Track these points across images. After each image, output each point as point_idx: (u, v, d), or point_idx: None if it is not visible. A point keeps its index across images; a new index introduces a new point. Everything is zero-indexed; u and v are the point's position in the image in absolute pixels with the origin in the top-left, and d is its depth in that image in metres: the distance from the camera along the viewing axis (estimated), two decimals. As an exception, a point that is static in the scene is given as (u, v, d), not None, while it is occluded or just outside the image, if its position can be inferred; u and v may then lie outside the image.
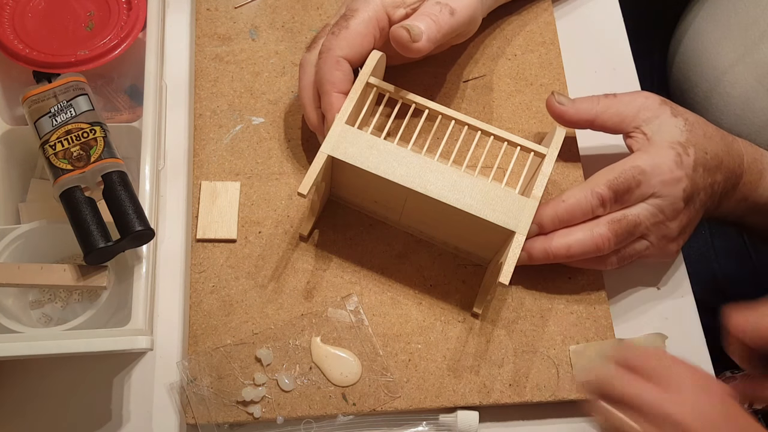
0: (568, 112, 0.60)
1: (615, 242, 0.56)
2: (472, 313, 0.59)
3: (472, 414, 0.56)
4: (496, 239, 0.55)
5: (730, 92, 0.76)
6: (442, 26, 0.57)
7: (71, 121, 0.53)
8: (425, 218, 0.59)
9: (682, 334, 0.62)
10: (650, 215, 0.56)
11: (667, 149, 0.57)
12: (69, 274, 0.51)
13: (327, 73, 0.57)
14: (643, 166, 0.56)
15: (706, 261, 0.82)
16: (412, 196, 0.55)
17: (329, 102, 0.58)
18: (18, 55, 0.58)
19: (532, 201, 0.54)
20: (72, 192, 0.51)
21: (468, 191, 0.54)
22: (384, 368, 0.57)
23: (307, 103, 0.60)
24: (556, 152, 0.56)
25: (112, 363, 0.58)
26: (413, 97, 0.58)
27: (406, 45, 0.56)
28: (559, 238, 0.57)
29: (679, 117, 0.58)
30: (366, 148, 0.55)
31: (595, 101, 0.60)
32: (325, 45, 0.58)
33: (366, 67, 0.58)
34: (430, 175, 0.54)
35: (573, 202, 0.56)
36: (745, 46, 0.75)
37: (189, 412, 0.55)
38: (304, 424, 0.56)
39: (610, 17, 0.74)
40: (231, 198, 0.61)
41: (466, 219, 0.54)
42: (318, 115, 0.60)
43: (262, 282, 0.59)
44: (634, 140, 0.59)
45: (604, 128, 0.60)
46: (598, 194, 0.56)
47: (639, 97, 0.60)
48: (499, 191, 0.54)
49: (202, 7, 0.69)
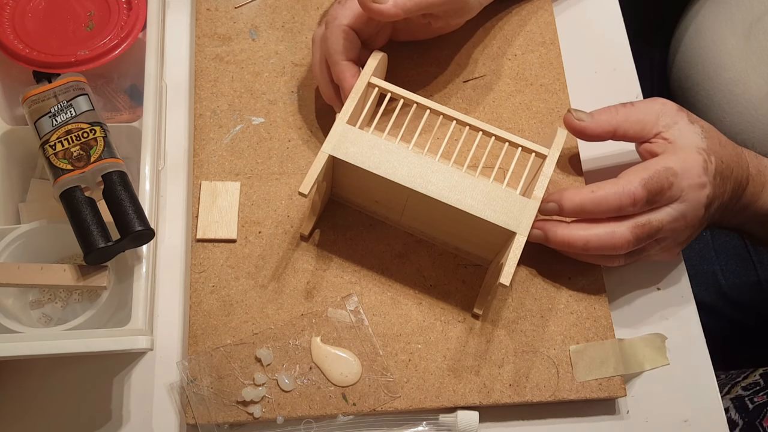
0: (589, 127, 0.59)
1: (634, 245, 0.56)
2: (473, 314, 0.59)
3: (472, 414, 0.56)
4: (497, 240, 0.55)
5: (733, 90, 0.76)
6: None
7: (71, 121, 0.53)
8: (426, 218, 0.59)
9: (682, 334, 0.62)
10: (672, 220, 0.56)
11: (695, 154, 0.56)
12: (69, 274, 0.51)
13: (334, 42, 0.58)
14: (675, 167, 0.55)
15: (706, 261, 0.82)
16: (413, 196, 0.55)
17: (340, 71, 0.58)
18: (18, 55, 0.58)
19: (533, 202, 0.54)
20: (72, 192, 0.51)
21: (469, 192, 0.54)
22: (384, 368, 0.57)
23: (320, 76, 0.61)
24: (558, 153, 0.56)
25: (112, 363, 0.58)
26: (415, 97, 0.58)
27: (367, 5, 0.55)
28: (580, 230, 0.56)
29: (696, 124, 0.58)
30: (367, 148, 0.55)
31: (613, 112, 0.59)
32: (331, 14, 0.59)
33: (367, 67, 0.58)
34: (431, 176, 0.54)
35: (602, 195, 0.55)
36: (748, 44, 0.75)
37: (189, 412, 0.55)
38: (304, 424, 0.56)
39: (610, 17, 0.74)
40: (231, 198, 0.61)
41: (467, 219, 0.54)
42: (332, 88, 0.61)
43: (262, 282, 0.59)
44: (655, 145, 0.58)
45: (625, 138, 0.59)
46: (631, 192, 0.54)
47: (656, 103, 0.59)
48: (500, 192, 0.54)
49: (202, 7, 0.69)
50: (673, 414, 0.59)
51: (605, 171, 0.67)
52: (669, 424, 0.59)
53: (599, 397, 0.57)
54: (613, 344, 0.58)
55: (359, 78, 0.58)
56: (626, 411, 0.59)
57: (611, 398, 0.58)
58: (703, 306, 0.65)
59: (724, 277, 0.81)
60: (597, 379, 0.57)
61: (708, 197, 0.56)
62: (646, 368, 0.60)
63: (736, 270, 0.81)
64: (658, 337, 0.61)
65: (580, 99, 0.68)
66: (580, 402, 0.58)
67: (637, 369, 0.59)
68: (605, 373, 0.57)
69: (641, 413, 0.59)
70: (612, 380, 0.57)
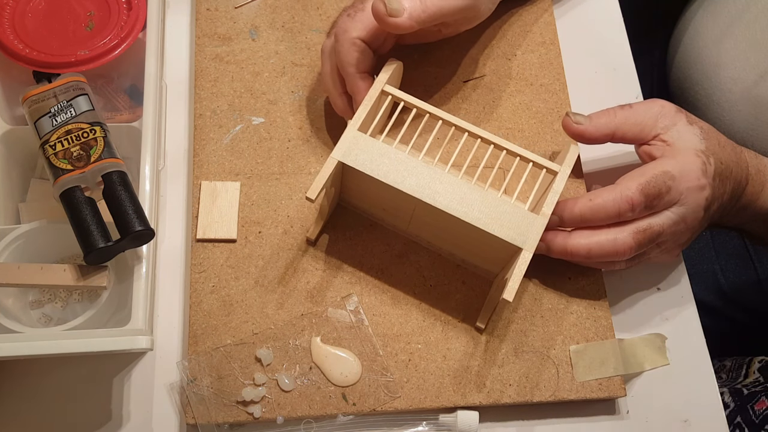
0: (588, 130, 0.59)
1: (636, 250, 0.56)
2: (476, 327, 0.58)
3: (472, 414, 0.56)
4: (503, 254, 0.55)
5: (732, 89, 0.76)
6: (428, 7, 0.56)
7: (71, 121, 0.53)
8: (433, 229, 0.58)
9: (682, 334, 0.62)
10: (672, 224, 0.56)
11: (693, 156, 0.56)
12: (69, 274, 0.51)
13: (346, 55, 0.58)
14: (672, 171, 0.55)
15: (706, 261, 0.82)
16: (420, 206, 0.54)
17: (355, 84, 0.58)
18: (18, 55, 0.58)
19: (541, 218, 0.54)
20: (72, 192, 0.51)
21: (477, 205, 0.53)
22: (384, 368, 0.57)
23: (332, 89, 0.61)
24: (569, 170, 0.55)
25: (112, 363, 0.58)
26: (427, 107, 0.57)
27: (382, 18, 0.56)
28: (582, 238, 0.56)
29: (695, 125, 0.58)
30: (377, 156, 0.54)
31: (612, 114, 0.59)
32: (341, 27, 0.59)
33: (382, 75, 0.58)
34: (439, 187, 0.54)
35: (600, 202, 0.55)
36: (746, 42, 0.75)
37: (189, 412, 0.55)
38: (304, 424, 0.56)
39: (610, 17, 0.74)
40: (231, 198, 0.61)
41: (474, 232, 0.53)
42: (344, 99, 0.61)
43: (262, 282, 0.59)
44: (654, 148, 0.58)
45: (624, 140, 0.59)
46: (629, 198, 0.54)
47: (655, 105, 0.59)
48: (508, 207, 0.54)
49: (202, 7, 0.69)
50: (673, 414, 0.59)
51: (605, 172, 0.67)
52: (669, 424, 0.59)
53: (599, 397, 0.57)
54: (613, 344, 0.58)
55: (373, 85, 0.57)
56: (626, 411, 0.59)
57: (611, 398, 0.58)
58: (703, 305, 0.65)
59: (724, 276, 0.81)
60: (597, 379, 0.57)
61: (707, 199, 0.56)
62: (646, 368, 0.60)
63: (736, 269, 0.81)
64: (658, 337, 0.61)
65: (580, 99, 0.68)
66: (580, 402, 0.58)
67: (637, 369, 0.59)
68: (605, 373, 0.57)
69: (641, 413, 0.59)
70: (612, 380, 0.57)
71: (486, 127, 0.66)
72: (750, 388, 0.70)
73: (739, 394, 0.69)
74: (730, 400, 0.69)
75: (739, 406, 0.68)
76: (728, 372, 0.76)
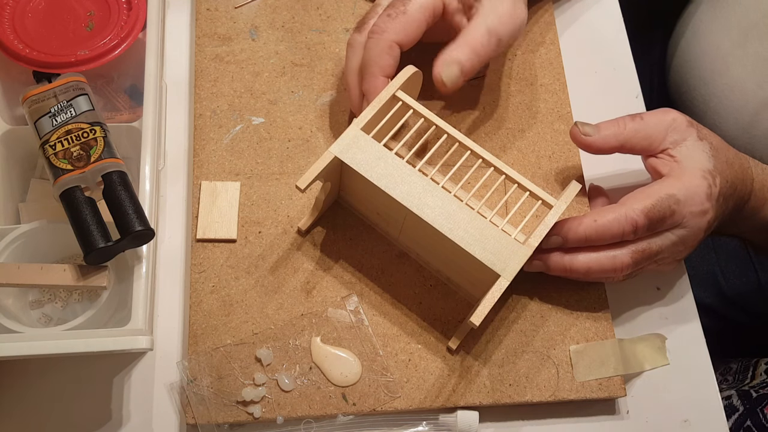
0: (596, 142, 0.58)
1: (633, 268, 0.56)
2: (447, 347, 0.57)
3: (472, 414, 0.56)
4: (485, 278, 0.53)
5: (729, 96, 0.76)
6: (482, 57, 0.57)
7: (71, 121, 0.53)
8: (422, 241, 0.58)
9: (682, 334, 0.62)
10: (672, 244, 0.56)
11: (700, 179, 0.55)
12: (69, 274, 0.51)
13: (377, 56, 0.57)
14: (678, 195, 0.55)
15: (706, 262, 0.82)
16: (410, 216, 0.54)
17: (373, 85, 0.57)
18: (18, 55, 0.58)
19: (525, 249, 0.53)
20: (72, 192, 0.51)
21: (463, 224, 0.53)
22: (384, 368, 0.57)
23: (353, 84, 0.60)
24: (565, 207, 0.55)
25: (112, 363, 0.58)
26: (436, 119, 0.57)
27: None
28: (582, 258, 0.56)
29: (705, 141, 0.57)
30: (374, 157, 0.54)
31: (621, 125, 0.58)
32: (380, 26, 0.57)
33: (396, 80, 0.57)
34: (429, 199, 0.53)
35: (605, 223, 0.55)
36: (743, 50, 0.75)
37: (189, 412, 0.55)
38: (304, 424, 0.56)
39: (610, 17, 0.74)
40: (231, 198, 0.61)
41: (458, 251, 0.53)
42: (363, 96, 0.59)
43: (262, 282, 0.59)
44: (661, 162, 0.57)
45: (632, 152, 0.59)
46: (633, 221, 0.54)
47: (667, 117, 0.58)
48: (495, 231, 0.53)
49: (202, 7, 0.69)
50: (673, 414, 0.59)
51: (606, 177, 0.67)
52: (669, 424, 0.59)
53: (599, 397, 0.57)
54: (613, 344, 0.58)
55: (385, 88, 0.56)
56: (626, 411, 0.59)
57: (611, 398, 0.58)
58: (703, 307, 0.65)
59: (724, 278, 0.81)
60: (597, 379, 0.57)
61: (709, 222, 0.56)
62: (646, 368, 0.60)
63: (736, 271, 0.81)
64: (658, 337, 0.61)
65: (580, 99, 0.68)
66: (580, 402, 0.58)
67: (637, 369, 0.59)
68: (605, 373, 0.57)
69: (641, 413, 0.59)
70: (612, 380, 0.57)
71: (486, 127, 0.66)
72: (758, 390, 0.70)
73: (747, 396, 0.69)
74: (739, 404, 0.69)
75: (749, 410, 0.68)
76: (734, 374, 0.76)
